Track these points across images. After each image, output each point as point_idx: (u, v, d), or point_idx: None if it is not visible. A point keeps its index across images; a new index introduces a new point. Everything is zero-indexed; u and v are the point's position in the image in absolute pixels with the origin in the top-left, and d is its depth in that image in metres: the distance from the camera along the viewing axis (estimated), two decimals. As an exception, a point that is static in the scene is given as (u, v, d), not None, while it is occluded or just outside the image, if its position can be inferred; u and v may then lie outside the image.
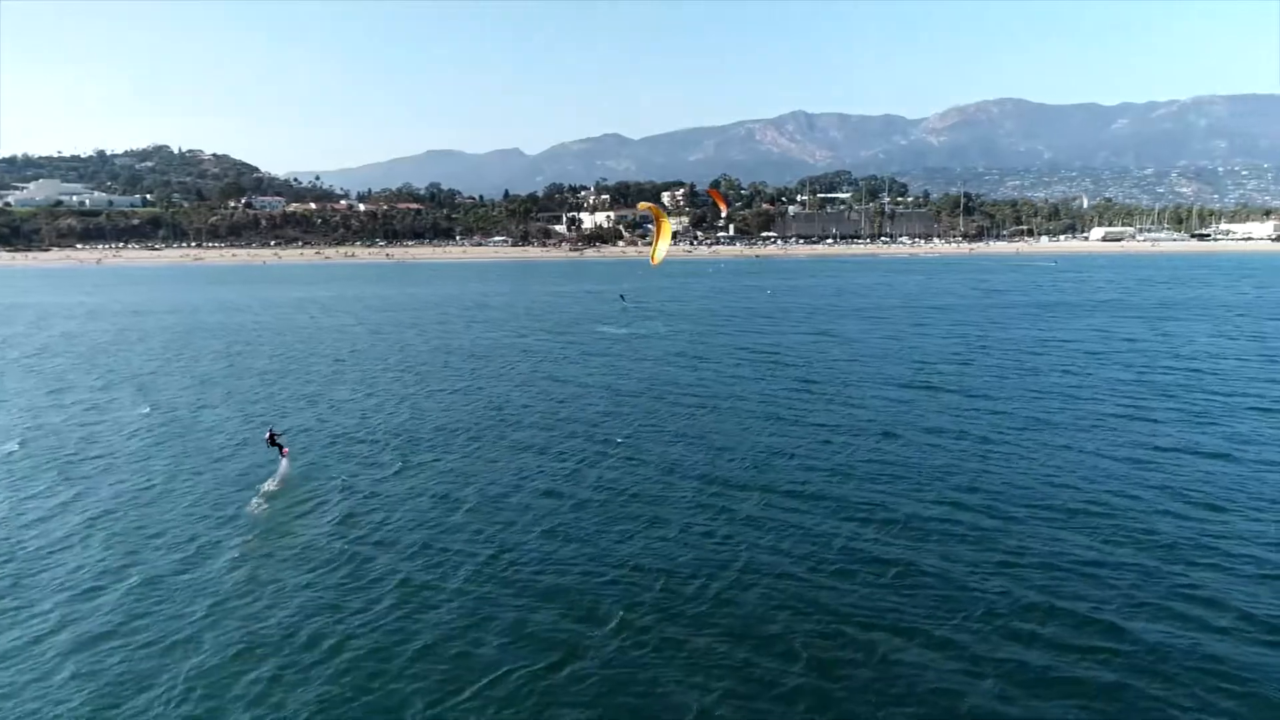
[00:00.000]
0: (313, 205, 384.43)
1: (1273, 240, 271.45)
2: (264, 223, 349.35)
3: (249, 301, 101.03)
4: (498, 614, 16.63)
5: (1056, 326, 65.03)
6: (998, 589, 17.27)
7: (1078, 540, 19.74)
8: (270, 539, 20.92)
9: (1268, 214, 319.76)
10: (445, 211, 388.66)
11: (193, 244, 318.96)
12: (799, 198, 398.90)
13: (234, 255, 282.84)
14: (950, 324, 67.62)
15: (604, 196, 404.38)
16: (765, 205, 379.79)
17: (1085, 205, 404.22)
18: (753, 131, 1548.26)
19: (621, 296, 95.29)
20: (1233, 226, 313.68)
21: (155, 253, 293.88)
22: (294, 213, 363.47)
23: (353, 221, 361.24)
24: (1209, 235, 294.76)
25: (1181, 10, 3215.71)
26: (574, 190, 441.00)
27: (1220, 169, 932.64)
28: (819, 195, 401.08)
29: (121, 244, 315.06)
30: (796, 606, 16.77)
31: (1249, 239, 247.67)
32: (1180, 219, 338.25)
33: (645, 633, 15.78)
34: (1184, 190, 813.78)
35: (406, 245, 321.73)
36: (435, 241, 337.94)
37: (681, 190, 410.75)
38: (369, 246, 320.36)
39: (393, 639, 15.72)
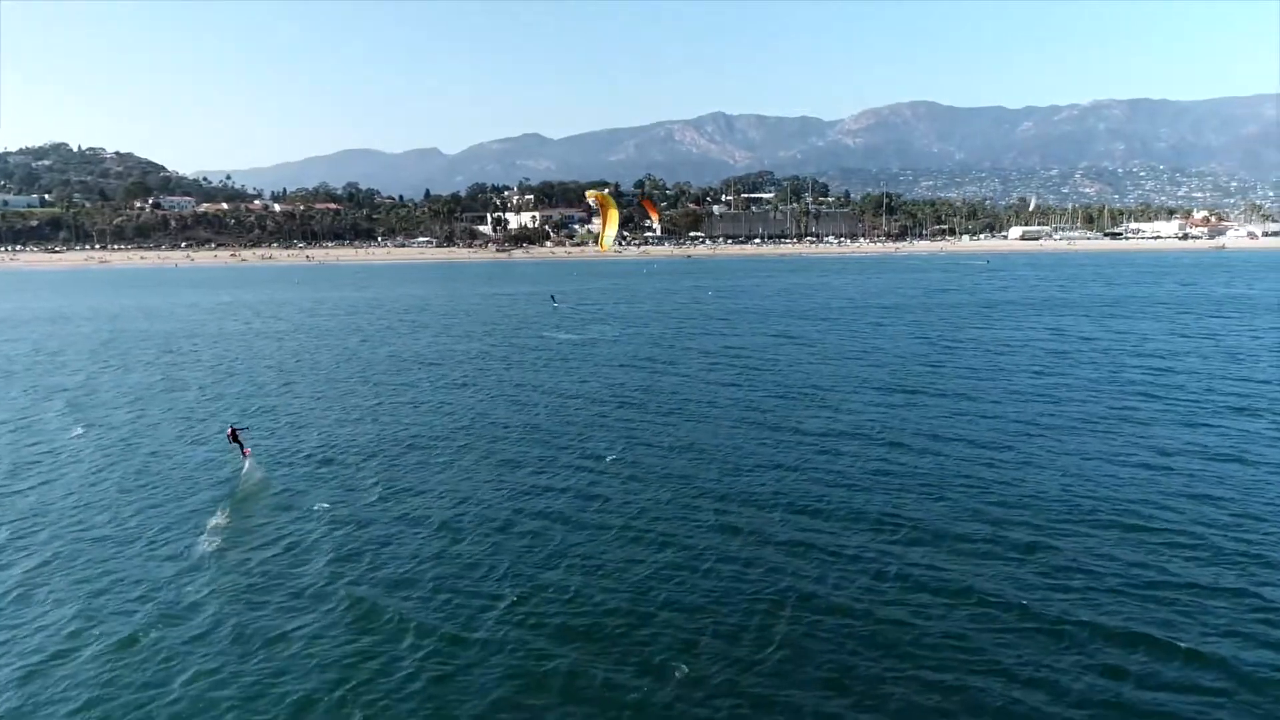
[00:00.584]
0: (225, 205, 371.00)
1: (1179, 239, 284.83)
2: (174, 223, 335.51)
3: (172, 307, 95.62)
4: (541, 667, 14.59)
5: (1011, 325, 65.37)
6: (1065, 612, 16.02)
7: (1126, 554, 18.67)
8: (249, 577, 18.30)
9: (1171, 213, 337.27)
10: (365, 212, 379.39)
11: (97, 246, 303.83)
12: (724, 198, 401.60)
13: (143, 258, 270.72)
14: (906, 324, 67.37)
15: (528, 197, 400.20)
16: (690, 205, 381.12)
17: (1033, 205, 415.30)
18: (672, 132, 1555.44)
19: (552, 298, 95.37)
20: (1141, 225, 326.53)
21: (56, 255, 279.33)
22: (206, 213, 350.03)
23: (268, 222, 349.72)
24: (1120, 234, 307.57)
25: (1079, 15, 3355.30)
26: (497, 190, 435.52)
27: (1120, 170, 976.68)
28: (743, 195, 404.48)
29: (19, 246, 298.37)
30: (858, 641, 15.20)
31: (1158, 237, 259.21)
32: (1091, 218, 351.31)
33: (712, 684, 14.00)
34: (1087, 190, 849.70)
35: (326, 247, 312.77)
36: (356, 243, 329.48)
37: (606, 190, 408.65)
38: (287, 248, 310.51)
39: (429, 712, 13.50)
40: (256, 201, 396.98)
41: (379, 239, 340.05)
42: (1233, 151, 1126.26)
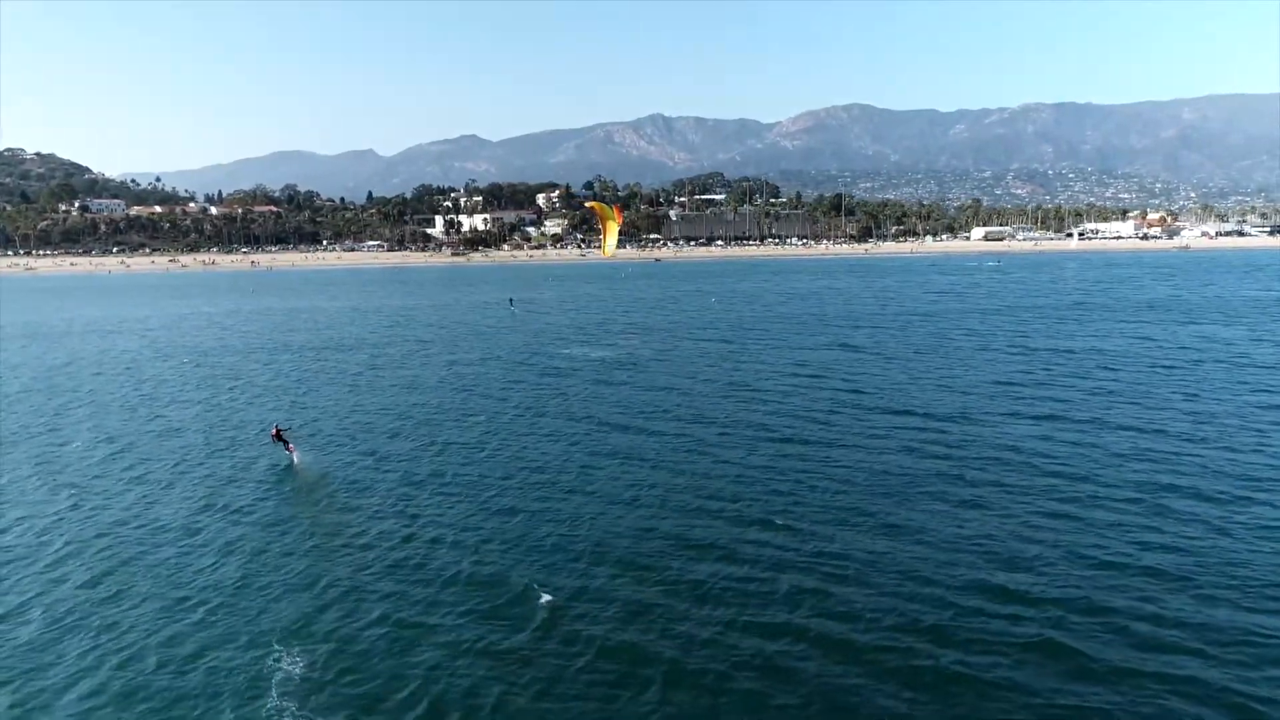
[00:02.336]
0: (158, 208, 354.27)
1: (1141, 239, 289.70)
2: (103, 228, 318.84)
3: (122, 320, 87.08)
4: None
5: (1086, 333, 61.01)
6: None
7: None
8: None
9: (1125, 214, 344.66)
10: (308, 215, 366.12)
11: (20, 251, 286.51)
12: (677, 199, 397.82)
13: (72, 264, 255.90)
14: (968, 331, 62.73)
15: (476, 199, 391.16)
16: (643, 206, 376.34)
17: (984, 206, 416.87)
18: (612, 134, 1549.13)
19: (510, 301, 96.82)
20: (1100, 226, 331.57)
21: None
22: (138, 217, 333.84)
23: (206, 226, 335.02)
24: (1084, 234, 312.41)
25: (1008, 20, 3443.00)
26: (443, 192, 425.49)
27: (1050, 172, 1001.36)
28: (695, 197, 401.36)
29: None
30: None
31: (1119, 237, 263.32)
32: (1048, 219, 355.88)
33: None
34: (1019, 191, 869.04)
35: (270, 251, 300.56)
36: (302, 247, 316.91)
37: (556, 192, 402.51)
38: (229, 253, 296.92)
39: None
40: (192, 204, 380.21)
41: (325, 243, 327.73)
42: (1155, 154, 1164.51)
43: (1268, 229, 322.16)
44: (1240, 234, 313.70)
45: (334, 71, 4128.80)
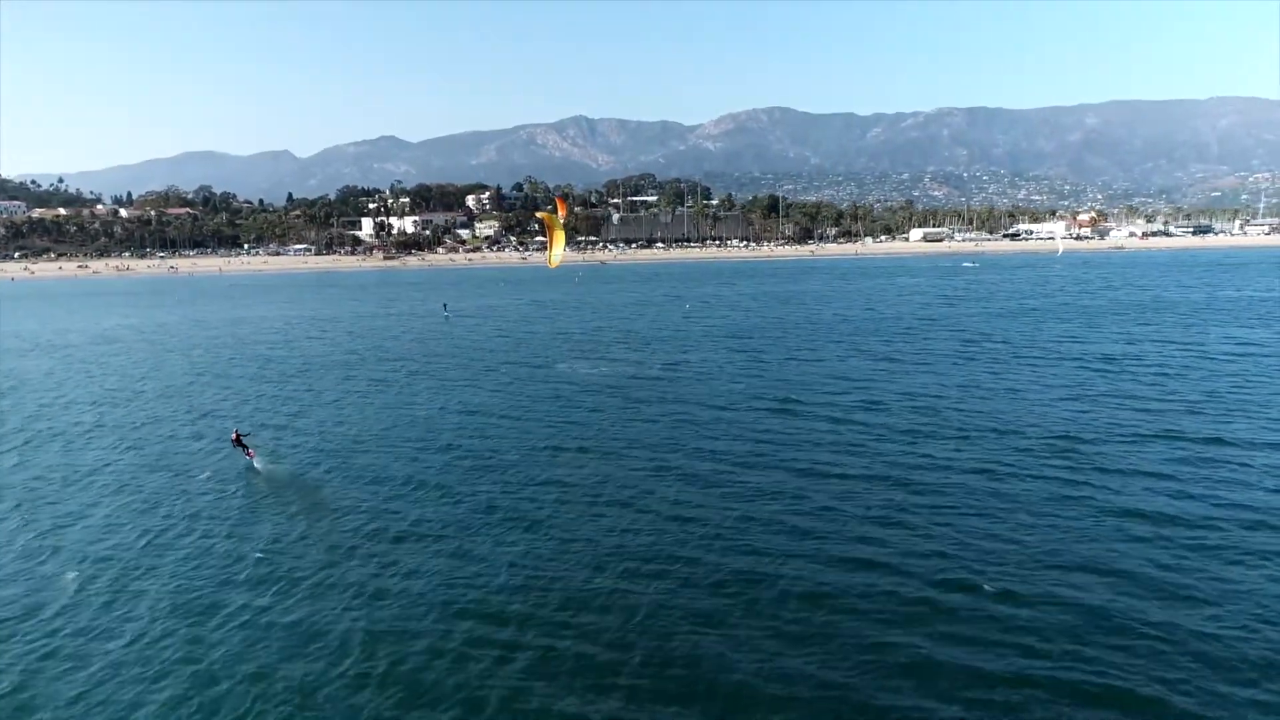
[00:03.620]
0: (63, 211, 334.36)
1: (1075, 239, 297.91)
2: (3, 231, 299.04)
3: (38, 334, 79.18)
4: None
5: (1104, 336, 59.10)
6: None
7: None
8: None
9: (1053, 213, 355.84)
10: (225, 217, 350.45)
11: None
12: (610, 201, 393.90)
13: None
14: (995, 340, 58.73)
15: (403, 200, 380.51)
16: (577, 209, 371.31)
17: (919, 208, 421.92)
18: (534, 135, 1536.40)
19: (445, 306, 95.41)
20: (1033, 227, 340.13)
21: None
22: (41, 219, 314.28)
23: (116, 229, 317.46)
24: (1019, 235, 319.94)
25: (919, 22, 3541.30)
26: (368, 193, 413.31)
27: (965, 174, 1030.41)
28: (629, 199, 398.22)
29: None
30: None
31: (1053, 238, 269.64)
32: (981, 220, 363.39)
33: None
34: (936, 193, 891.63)
35: (188, 255, 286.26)
36: (222, 251, 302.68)
37: (486, 193, 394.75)
38: (143, 257, 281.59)
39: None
40: (100, 206, 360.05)
41: (247, 246, 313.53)
42: (1061, 157, 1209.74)
43: (1190, 229, 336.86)
44: (1167, 234, 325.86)
45: (247, 69, 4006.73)
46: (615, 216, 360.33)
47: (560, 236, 69.83)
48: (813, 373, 46.27)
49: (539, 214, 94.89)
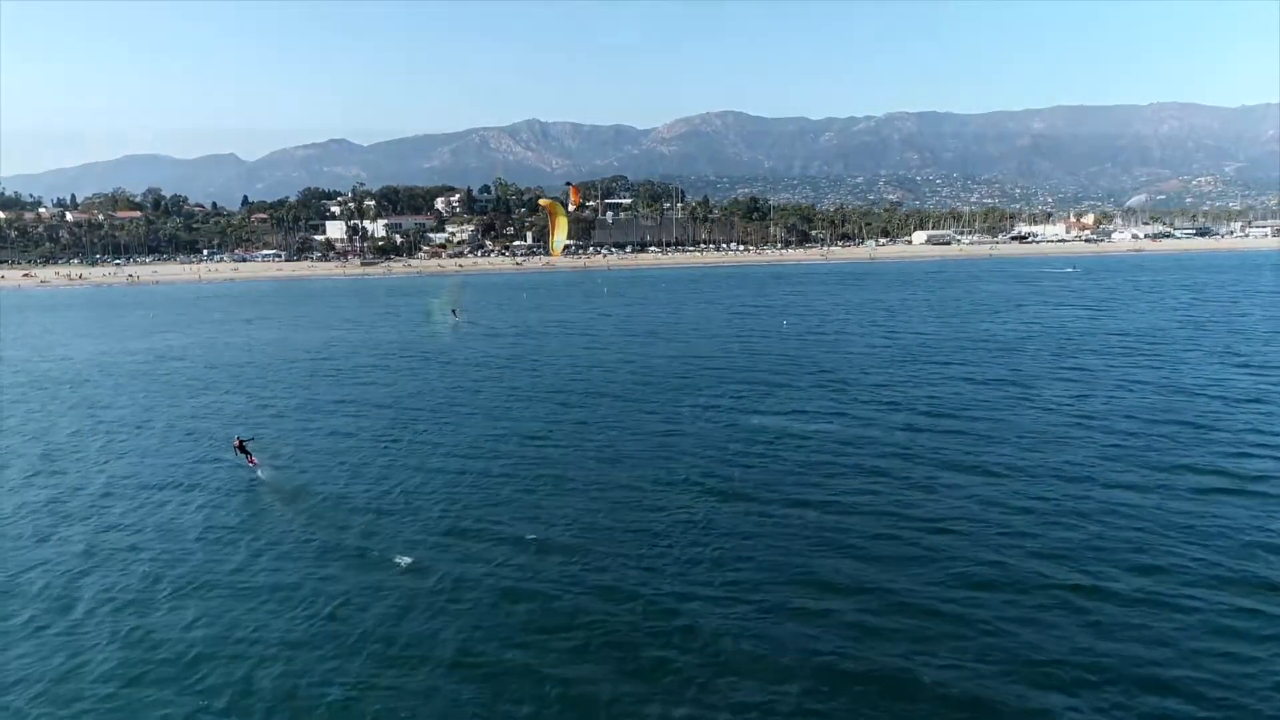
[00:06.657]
0: (1, 214, 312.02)
1: (1085, 242, 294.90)
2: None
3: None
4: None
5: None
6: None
7: None
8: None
9: (1049, 216, 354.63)
10: (181, 221, 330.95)
11: None
12: (588, 204, 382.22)
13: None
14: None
15: (368, 203, 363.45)
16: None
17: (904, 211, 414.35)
18: (487, 139, 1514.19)
19: (454, 312, 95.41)
20: (1035, 230, 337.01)
21: None
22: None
23: (62, 234, 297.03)
24: (1026, 238, 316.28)
25: (868, 26, 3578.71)
26: (330, 196, 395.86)
27: (918, 178, 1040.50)
28: (604, 201, 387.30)
29: None
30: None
31: (1060, 240, 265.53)
32: (983, 222, 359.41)
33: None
34: (891, 196, 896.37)
35: (144, 262, 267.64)
36: (180, 257, 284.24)
37: (457, 196, 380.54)
38: (95, 265, 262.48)
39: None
40: (42, 210, 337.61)
41: (207, 252, 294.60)
42: (1010, 161, 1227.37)
43: (1193, 231, 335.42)
44: (1170, 236, 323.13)
45: (189, 71, 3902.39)
46: (610, 218, 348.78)
47: (564, 224, 64.48)
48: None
49: (542, 200, 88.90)
